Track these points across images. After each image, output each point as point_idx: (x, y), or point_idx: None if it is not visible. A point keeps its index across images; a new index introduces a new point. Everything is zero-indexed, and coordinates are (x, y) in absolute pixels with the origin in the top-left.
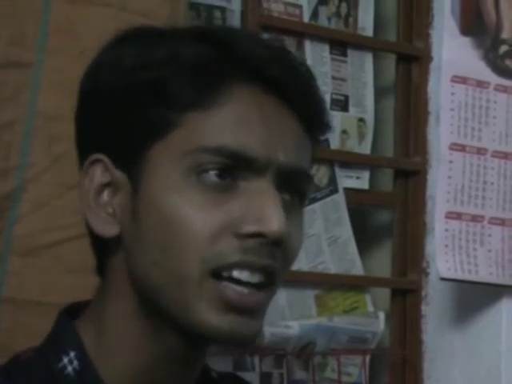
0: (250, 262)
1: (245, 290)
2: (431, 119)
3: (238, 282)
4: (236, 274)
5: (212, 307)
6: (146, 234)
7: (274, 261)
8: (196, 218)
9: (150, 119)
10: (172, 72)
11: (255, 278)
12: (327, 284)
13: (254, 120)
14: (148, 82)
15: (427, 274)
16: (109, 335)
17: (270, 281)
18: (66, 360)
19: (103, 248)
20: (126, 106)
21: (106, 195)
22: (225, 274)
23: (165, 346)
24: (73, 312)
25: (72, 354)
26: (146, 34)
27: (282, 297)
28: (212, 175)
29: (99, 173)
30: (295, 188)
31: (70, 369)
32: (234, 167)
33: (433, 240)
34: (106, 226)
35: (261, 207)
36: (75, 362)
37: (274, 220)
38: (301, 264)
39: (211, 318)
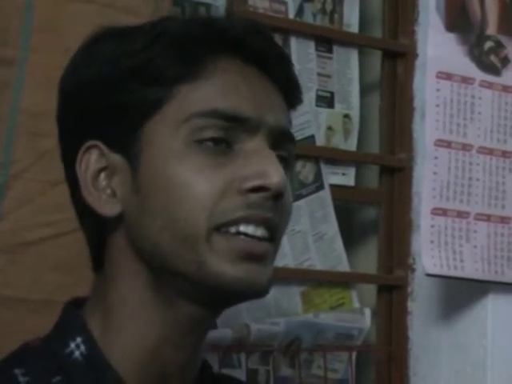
0: (255, 216)
1: (251, 240)
2: (416, 115)
3: (244, 235)
4: (242, 228)
5: (225, 258)
6: (152, 204)
7: (275, 214)
8: (199, 180)
9: (141, 99)
10: (157, 50)
11: (260, 232)
12: (313, 281)
13: (241, 86)
14: (132, 65)
15: (413, 271)
16: (116, 317)
17: (272, 235)
18: (73, 345)
19: (101, 233)
20: (114, 92)
21: (102, 179)
22: (232, 229)
23: (175, 317)
24: (77, 305)
25: (79, 340)
26: (122, 29)
27: (269, 294)
28: (209, 143)
29: (94, 158)
30: (284, 148)
31: (77, 353)
32: (229, 128)
33: (419, 236)
34: (108, 206)
35: (260, 163)
36: (82, 347)
37: (273, 173)
38: (287, 261)
39: (226, 268)
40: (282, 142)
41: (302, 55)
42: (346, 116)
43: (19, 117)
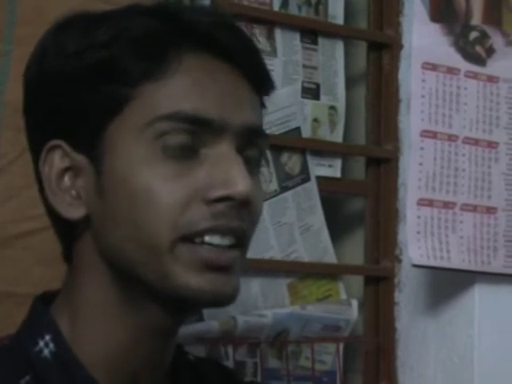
0: (220, 226)
1: (217, 249)
2: (402, 106)
3: (210, 245)
4: (208, 238)
5: (189, 269)
6: (115, 211)
7: (242, 222)
8: (164, 189)
9: (103, 98)
10: (119, 48)
11: (226, 241)
12: (300, 272)
13: (206, 85)
14: (95, 62)
15: (400, 261)
16: (84, 316)
17: (239, 242)
18: (41, 343)
19: (70, 232)
20: (76, 89)
21: (67, 179)
22: (197, 240)
23: (143, 319)
24: (46, 299)
25: (47, 337)
26: (88, 18)
27: (255, 285)
28: (173, 147)
29: (58, 158)
30: (254, 147)
31: (46, 352)
32: (193, 132)
33: (405, 227)
34: (72, 208)
35: (225, 171)
36: (51, 345)
37: (239, 182)
38: (273, 253)
39: (190, 279)
40: (251, 139)
41: (288, 47)
42: (332, 108)
43: (4, 110)
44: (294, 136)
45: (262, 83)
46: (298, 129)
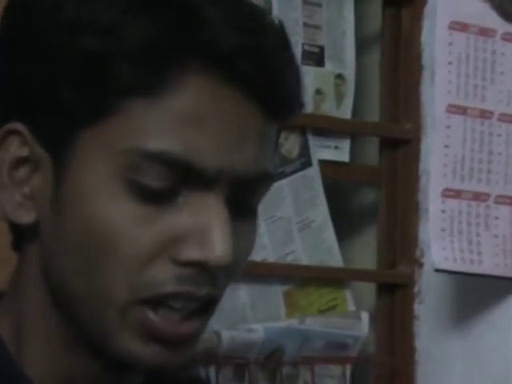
0: (187, 293)
1: (175, 317)
2: (425, 76)
3: (168, 311)
4: (169, 303)
5: (135, 337)
6: (69, 236)
7: (214, 287)
8: (127, 235)
9: (81, 97)
10: (116, 43)
11: (191, 306)
12: (298, 278)
13: (207, 118)
14: (87, 50)
15: (420, 266)
16: (25, 333)
17: (206, 308)
18: None
19: (18, 232)
20: (55, 71)
21: (22, 171)
22: (153, 304)
23: (81, 363)
24: None
25: None
26: None
27: (244, 294)
28: (149, 181)
29: (16, 145)
30: (252, 193)
31: None
32: (177, 178)
33: (427, 224)
34: (20, 211)
35: (205, 229)
36: None
37: (218, 245)
38: (266, 254)
39: (133, 347)
40: (251, 187)
41: (285, 2)
42: (339, 76)
43: None
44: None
45: (283, 112)
46: None
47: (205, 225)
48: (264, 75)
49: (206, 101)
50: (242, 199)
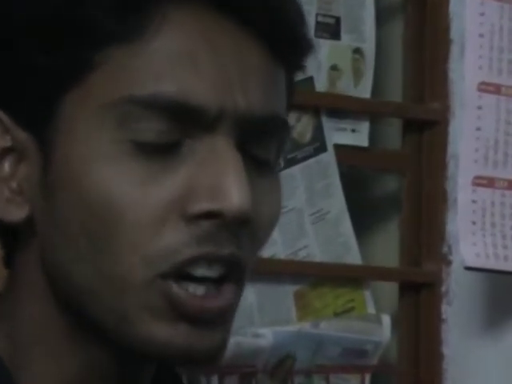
0: (206, 255)
1: (201, 290)
2: (454, 50)
3: (191, 278)
4: (188, 270)
5: (159, 317)
6: (65, 219)
7: (238, 247)
8: (131, 200)
9: (58, 58)
10: None
11: (214, 272)
12: (311, 277)
13: (201, 53)
14: (54, 5)
15: (449, 263)
16: (24, 341)
17: (235, 273)
18: None
19: (10, 234)
20: (25, 40)
21: (7, 165)
22: (174, 276)
23: (91, 362)
24: None
25: None
26: None
27: (251, 294)
28: (146, 134)
29: None
30: (265, 142)
31: None
32: (176, 122)
33: (456, 216)
34: (11, 207)
35: (215, 175)
36: None
37: (233, 193)
38: (276, 249)
39: (158, 330)
40: (262, 132)
41: None
42: (357, 51)
43: None
44: (304, 89)
45: (289, 47)
46: (309, 79)
47: (215, 172)
48: (261, 6)
49: (197, 36)
50: (256, 150)
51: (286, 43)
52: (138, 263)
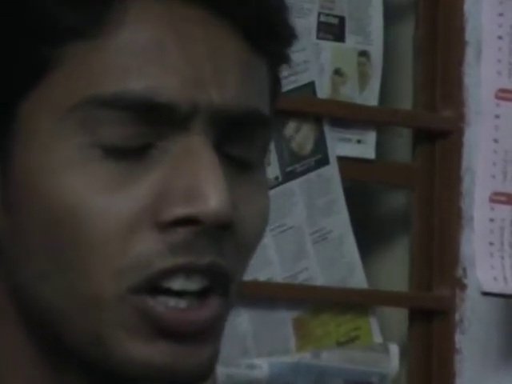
0: (184, 266)
1: (183, 303)
2: (469, 53)
3: (169, 292)
4: (165, 283)
5: (135, 334)
6: (27, 234)
7: (219, 255)
8: (98, 207)
9: (12, 58)
10: None
11: (195, 284)
12: (312, 302)
13: (168, 45)
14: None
15: (463, 287)
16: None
17: (219, 284)
18: None
19: None
20: None
21: None
22: (152, 287)
23: None
24: None
25: None
26: None
27: (245, 321)
28: (111, 136)
29: None
30: (246, 140)
31: None
32: (144, 123)
33: (471, 235)
34: None
35: (189, 178)
36: None
37: (210, 195)
38: (272, 272)
39: (135, 349)
40: (240, 128)
41: None
42: (363, 54)
43: None
44: (305, 96)
45: (269, 36)
46: (311, 85)
47: (189, 174)
48: None
49: (164, 27)
50: (235, 149)
51: (264, 31)
52: (109, 277)
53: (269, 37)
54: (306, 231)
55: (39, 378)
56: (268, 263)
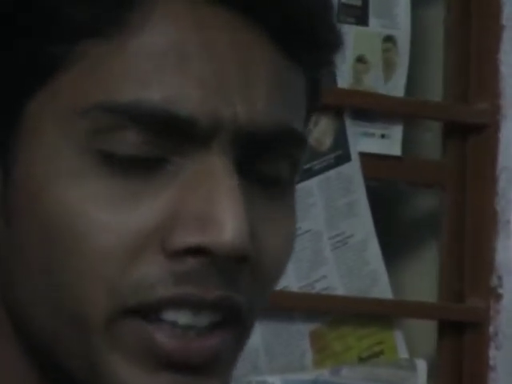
0: (190, 297)
1: (189, 333)
2: (506, 39)
3: (173, 324)
4: (169, 315)
5: (134, 362)
6: (24, 248)
7: (231, 290)
8: (100, 223)
9: (21, 56)
10: None
11: (203, 321)
12: (331, 314)
13: (192, 52)
14: None
15: (498, 298)
16: None
17: (231, 317)
18: None
19: None
20: None
21: None
22: (150, 314)
23: None
24: None
25: None
26: None
27: (256, 335)
28: (123, 148)
29: None
30: (275, 158)
31: None
32: (160, 136)
33: (508, 241)
34: None
35: (204, 202)
36: None
37: (225, 223)
38: (287, 281)
39: (134, 377)
40: (270, 147)
41: None
42: (389, 39)
43: None
44: (323, 86)
45: (307, 42)
46: (330, 73)
47: (204, 197)
48: None
49: (188, 30)
50: (262, 168)
51: (302, 37)
52: (102, 296)
53: (307, 43)
54: (324, 235)
55: None
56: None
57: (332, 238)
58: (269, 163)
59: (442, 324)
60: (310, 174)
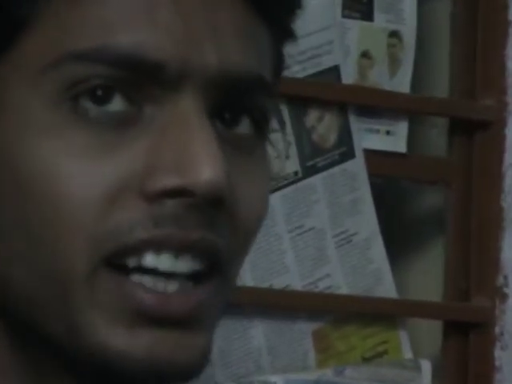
0: (171, 238)
1: (170, 287)
2: None
3: (154, 272)
4: (149, 259)
5: (113, 317)
6: (1, 214)
7: (211, 231)
8: (76, 172)
9: None
10: None
11: (184, 265)
12: (334, 313)
13: (159, 2)
14: None
15: (504, 297)
16: None
17: (213, 266)
18: None
19: None
20: None
21: None
22: (130, 261)
23: None
24: None
25: None
26: None
27: (258, 334)
28: (93, 107)
29: None
30: (245, 110)
31: None
32: (130, 82)
33: None
34: None
35: (180, 145)
36: None
37: (202, 164)
38: (290, 279)
39: (113, 337)
40: (239, 95)
41: None
42: (394, 34)
43: None
44: (328, 81)
45: (270, 6)
46: (335, 69)
47: (180, 141)
48: None
49: None
50: (234, 122)
51: None
52: (81, 247)
53: (270, 2)
54: (328, 233)
55: (14, 374)
56: (285, 269)
57: (336, 235)
58: (240, 117)
59: (447, 324)
60: (313, 170)
